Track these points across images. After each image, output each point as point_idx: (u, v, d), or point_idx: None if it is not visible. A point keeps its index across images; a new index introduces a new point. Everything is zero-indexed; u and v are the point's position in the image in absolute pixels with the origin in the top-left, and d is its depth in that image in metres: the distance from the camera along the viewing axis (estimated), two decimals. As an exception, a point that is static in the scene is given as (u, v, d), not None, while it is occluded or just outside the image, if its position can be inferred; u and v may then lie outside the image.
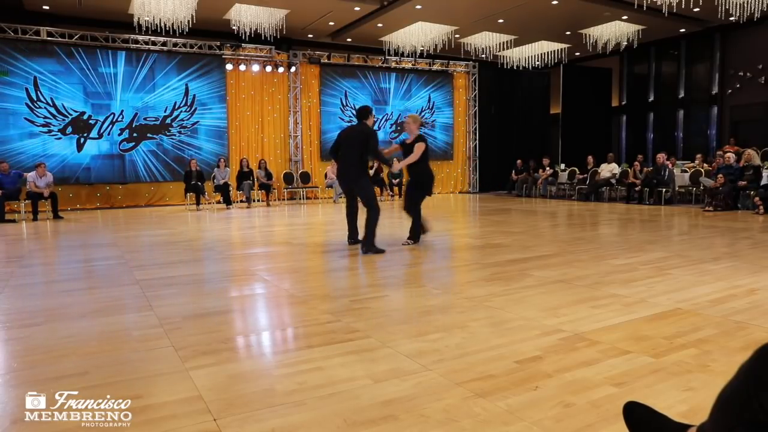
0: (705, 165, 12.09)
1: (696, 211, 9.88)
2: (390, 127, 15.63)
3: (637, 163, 12.24)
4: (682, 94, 16.06)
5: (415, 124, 6.21)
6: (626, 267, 4.62)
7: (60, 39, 11.68)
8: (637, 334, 2.81)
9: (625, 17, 13.15)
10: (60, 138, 11.87)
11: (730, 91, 14.96)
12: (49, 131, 11.78)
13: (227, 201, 12.26)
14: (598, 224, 8.29)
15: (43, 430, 1.91)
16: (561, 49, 15.72)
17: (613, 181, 12.75)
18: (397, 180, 14.17)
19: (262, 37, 12.41)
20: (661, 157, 11.50)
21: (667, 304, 3.40)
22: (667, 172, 11.36)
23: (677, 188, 11.71)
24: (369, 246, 5.52)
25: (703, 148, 14.36)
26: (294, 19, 12.64)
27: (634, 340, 2.72)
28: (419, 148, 5.97)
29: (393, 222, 8.55)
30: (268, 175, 12.97)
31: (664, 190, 11.26)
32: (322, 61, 14.40)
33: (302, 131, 14.48)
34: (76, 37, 11.81)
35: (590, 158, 13.66)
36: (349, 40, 14.96)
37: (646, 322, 3.02)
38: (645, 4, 10.72)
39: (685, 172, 12.03)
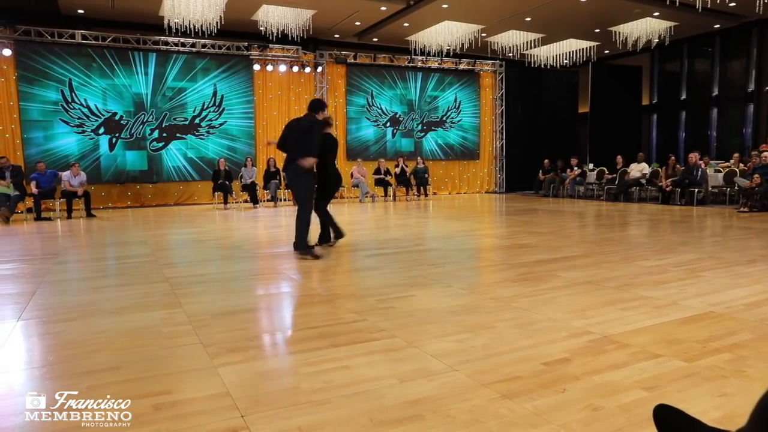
0: (741, 165, 11.76)
1: (730, 212, 9.62)
2: (416, 127, 15.61)
3: (670, 162, 11.99)
4: (715, 92, 15.65)
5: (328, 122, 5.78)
6: (657, 269, 4.52)
7: (93, 42, 11.97)
8: (668, 338, 2.74)
9: (656, 14, 12.87)
10: (93, 138, 12.18)
11: (767, 88, 14.51)
12: (83, 131, 12.09)
13: (254, 200, 12.41)
14: (627, 225, 8.14)
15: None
16: (590, 47, 15.48)
17: (643, 181, 12.49)
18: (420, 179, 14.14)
19: (289, 38, 12.53)
20: (693, 156, 11.22)
21: (699, 307, 3.32)
22: (699, 172, 11.08)
23: (710, 188, 11.42)
24: (302, 248, 5.28)
25: (738, 147, 13.97)
26: (320, 20, 12.72)
27: (665, 343, 2.66)
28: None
29: (409, 223, 8.51)
30: (295, 175, 13.06)
31: (696, 190, 10.99)
32: (348, 61, 14.45)
33: (328, 131, 14.54)
34: (109, 39, 12.09)
35: (619, 158, 13.40)
36: (375, 39, 14.98)
37: (678, 326, 2.95)
38: (677, 0, 10.48)
39: (719, 171, 11.72)
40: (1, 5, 11.38)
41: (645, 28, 13.66)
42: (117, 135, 12.38)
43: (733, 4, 12.27)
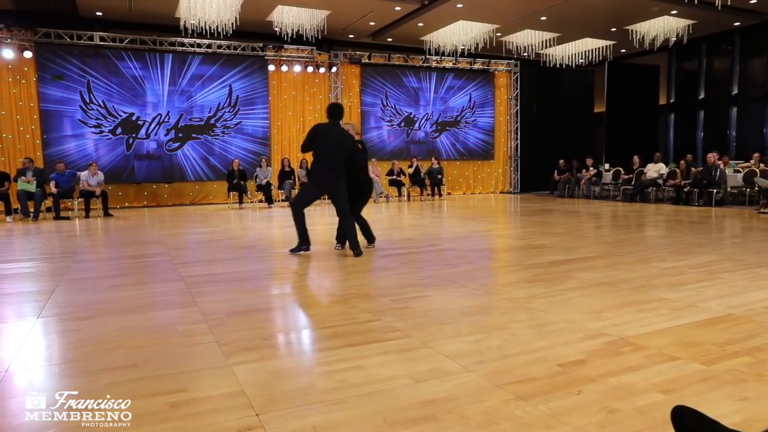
0: (761, 165, 11.56)
1: (749, 213, 9.46)
2: (430, 127, 15.58)
3: (683, 162, 11.84)
4: (735, 91, 15.41)
5: (353, 131, 5.96)
6: (674, 270, 4.46)
7: (111, 43, 12.12)
8: (685, 340, 2.71)
9: (674, 12, 12.70)
10: (110, 138, 12.33)
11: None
12: (101, 132, 12.25)
13: (269, 200, 12.48)
14: (644, 226, 8.04)
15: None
16: (606, 46, 15.32)
17: (660, 181, 12.34)
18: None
19: (304, 38, 12.57)
20: (711, 156, 11.07)
21: (718, 309, 3.27)
22: (718, 172, 10.92)
23: (729, 189, 11.24)
24: (359, 250, 5.50)
25: (758, 147, 13.73)
26: (335, 20, 12.74)
27: (682, 345, 2.63)
28: None
29: (432, 223, 8.47)
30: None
31: (714, 191, 10.83)
32: (362, 61, 14.46)
33: (342, 131, 14.57)
34: (126, 41, 12.23)
35: (636, 158, 13.26)
36: (389, 40, 14.97)
37: (696, 328, 2.91)
38: (696, -2, 10.33)
39: (738, 172, 11.53)
40: (22, 8, 11.57)
41: (662, 27, 13.48)
42: (134, 135, 12.51)
43: (753, 1, 12.07)
